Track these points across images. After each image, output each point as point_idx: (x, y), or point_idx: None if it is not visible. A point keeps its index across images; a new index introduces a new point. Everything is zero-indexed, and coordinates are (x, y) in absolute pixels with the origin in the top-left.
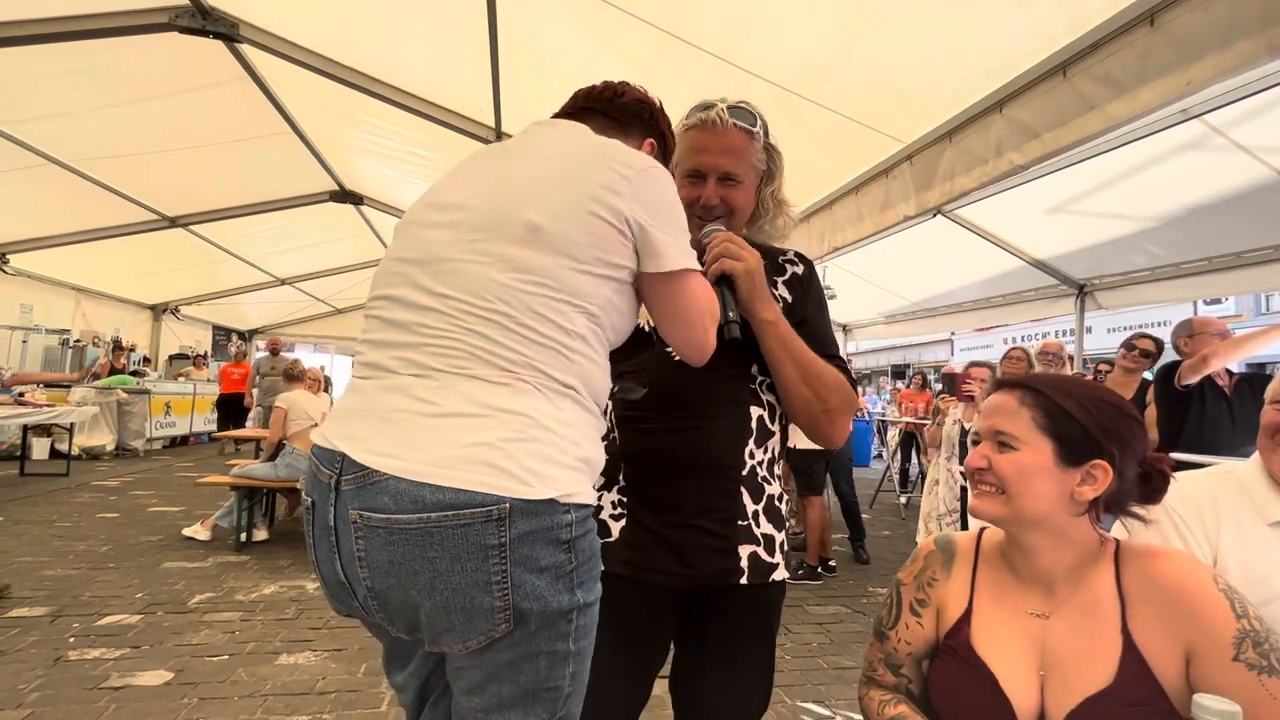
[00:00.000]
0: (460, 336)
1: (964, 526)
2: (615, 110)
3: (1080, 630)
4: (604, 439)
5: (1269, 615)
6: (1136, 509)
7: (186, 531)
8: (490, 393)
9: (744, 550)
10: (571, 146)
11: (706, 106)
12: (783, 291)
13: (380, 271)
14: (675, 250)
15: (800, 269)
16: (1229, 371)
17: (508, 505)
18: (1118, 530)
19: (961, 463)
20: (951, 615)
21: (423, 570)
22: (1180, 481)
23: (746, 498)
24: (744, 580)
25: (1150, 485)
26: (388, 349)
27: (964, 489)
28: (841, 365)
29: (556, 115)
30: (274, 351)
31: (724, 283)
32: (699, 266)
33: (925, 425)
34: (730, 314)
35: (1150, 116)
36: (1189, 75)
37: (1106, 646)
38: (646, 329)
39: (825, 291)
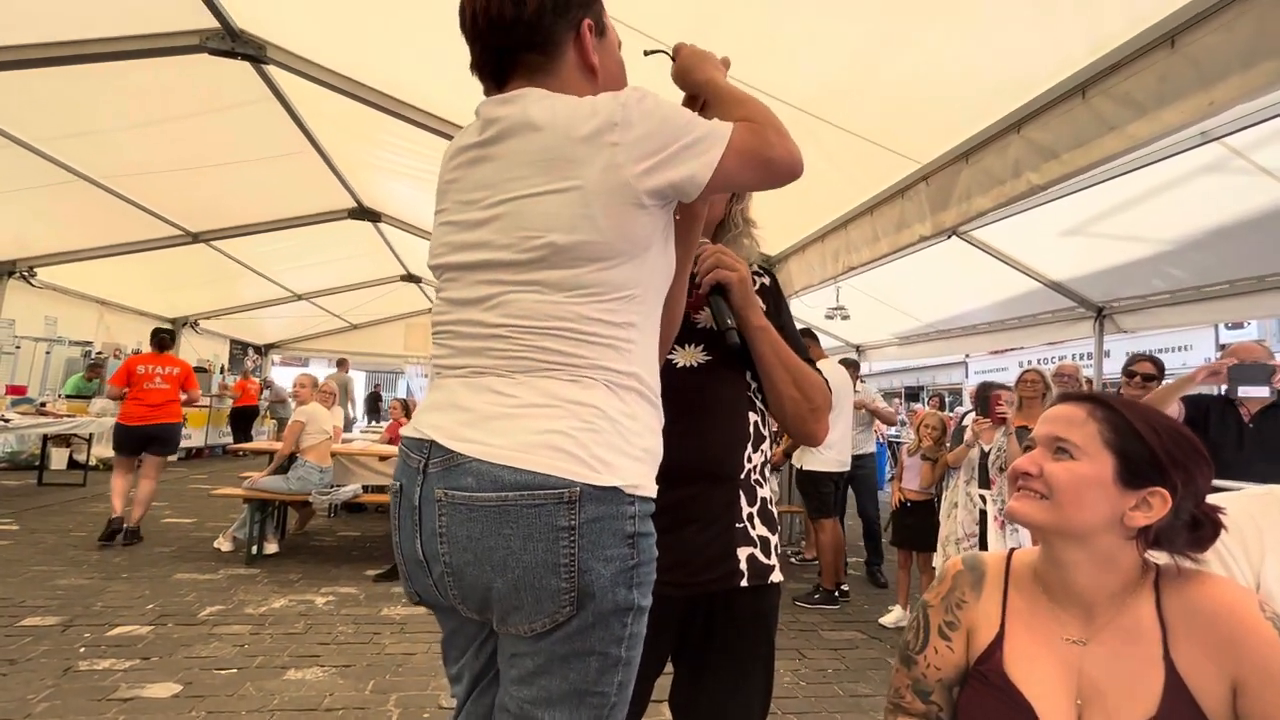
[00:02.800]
0: (529, 354)
1: (983, 550)
2: (531, 32)
3: (1120, 658)
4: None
5: None
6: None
7: (215, 544)
8: (563, 388)
9: (742, 553)
10: (543, 145)
11: None
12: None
13: (437, 312)
14: (701, 154)
15: (768, 280)
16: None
17: (578, 489)
18: None
19: (981, 486)
20: (983, 639)
21: (498, 547)
22: (1220, 503)
23: (743, 500)
24: (744, 583)
25: (1199, 532)
26: (466, 357)
27: (983, 513)
28: (813, 365)
29: (482, 69)
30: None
31: (718, 292)
32: (726, 129)
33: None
34: (729, 321)
35: (1170, 139)
36: (1211, 96)
37: (1148, 676)
38: None
39: (839, 311)
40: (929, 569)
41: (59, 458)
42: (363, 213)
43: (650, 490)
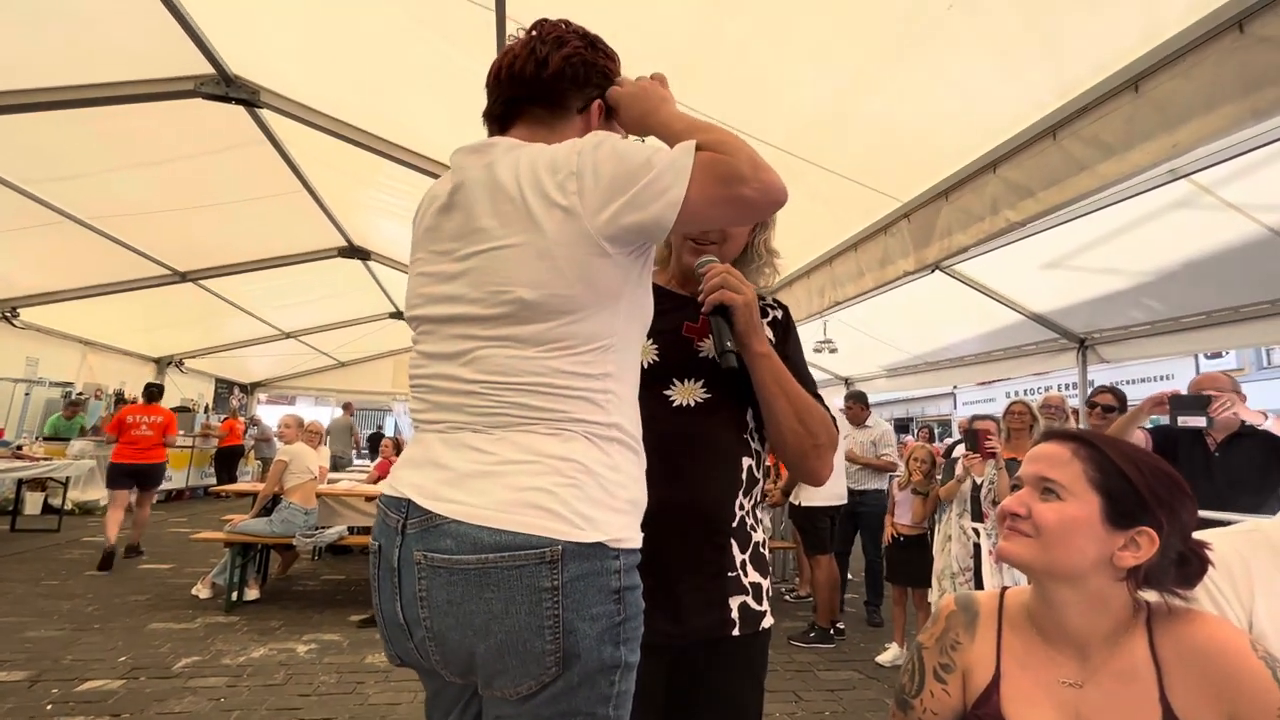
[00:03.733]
0: (505, 410)
1: (978, 585)
2: (544, 90)
3: (1117, 700)
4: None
5: None
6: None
7: (193, 591)
8: (542, 442)
9: (734, 601)
10: (506, 197)
11: None
12: (767, 333)
13: (414, 365)
14: (662, 194)
15: (779, 314)
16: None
17: (560, 548)
18: None
19: (974, 519)
20: (979, 682)
21: (479, 611)
22: (1207, 540)
23: (735, 548)
24: (735, 632)
25: (1187, 569)
26: (443, 412)
27: (977, 546)
28: (823, 403)
29: (490, 113)
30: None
31: (721, 313)
32: (688, 162)
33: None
34: (728, 344)
35: (1140, 176)
36: (1175, 138)
37: (1145, 716)
38: (645, 365)
39: (827, 344)
40: (924, 605)
41: (33, 502)
42: (352, 251)
43: (635, 542)
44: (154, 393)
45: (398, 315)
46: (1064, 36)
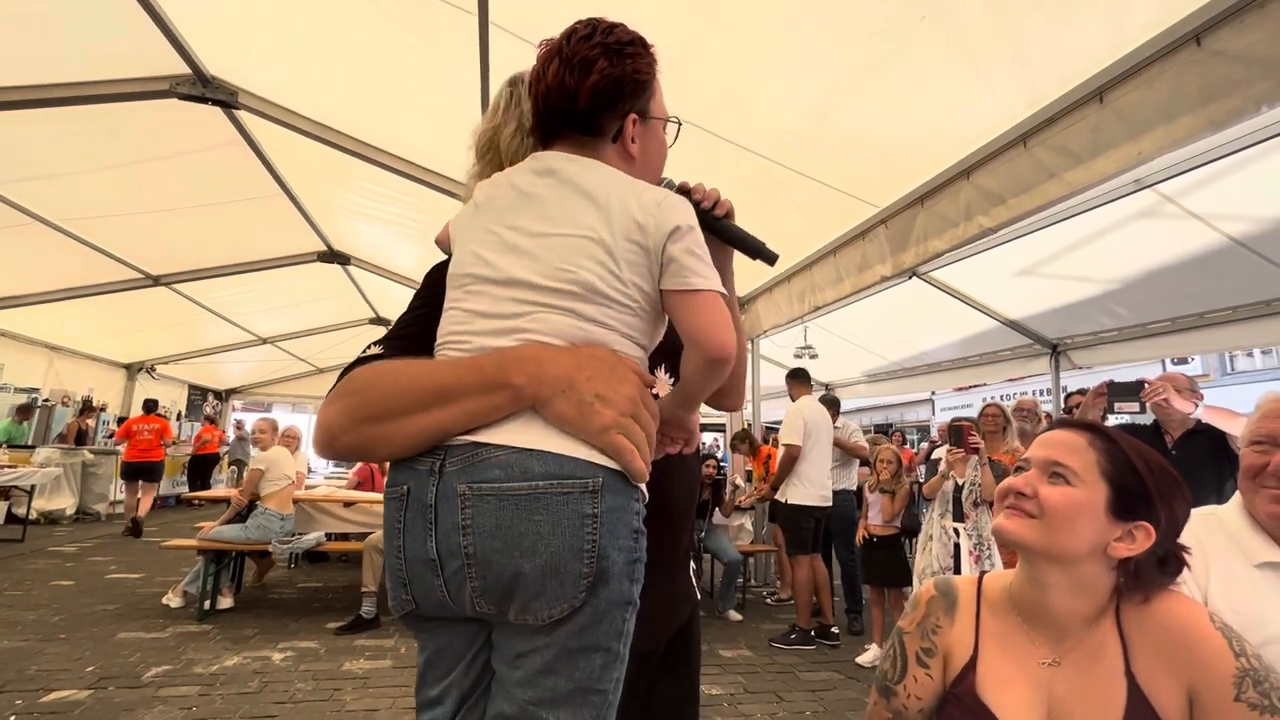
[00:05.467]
0: None
1: None
2: (579, 120)
3: (1086, 676)
4: None
5: (1267, 657)
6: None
7: (164, 600)
8: None
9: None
10: (595, 202)
11: None
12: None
13: (453, 321)
14: (702, 271)
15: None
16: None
17: (600, 480)
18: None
19: (956, 519)
20: (957, 663)
21: (528, 533)
22: None
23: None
24: (688, 617)
25: (1166, 568)
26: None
27: (957, 546)
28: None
29: (534, 130)
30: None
31: (728, 219)
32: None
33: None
34: (753, 238)
35: (1106, 185)
36: (1139, 147)
37: (1112, 691)
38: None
39: (807, 350)
40: (901, 605)
41: None
42: (332, 256)
43: (646, 496)
44: (151, 405)
45: (378, 321)
46: (1032, 48)
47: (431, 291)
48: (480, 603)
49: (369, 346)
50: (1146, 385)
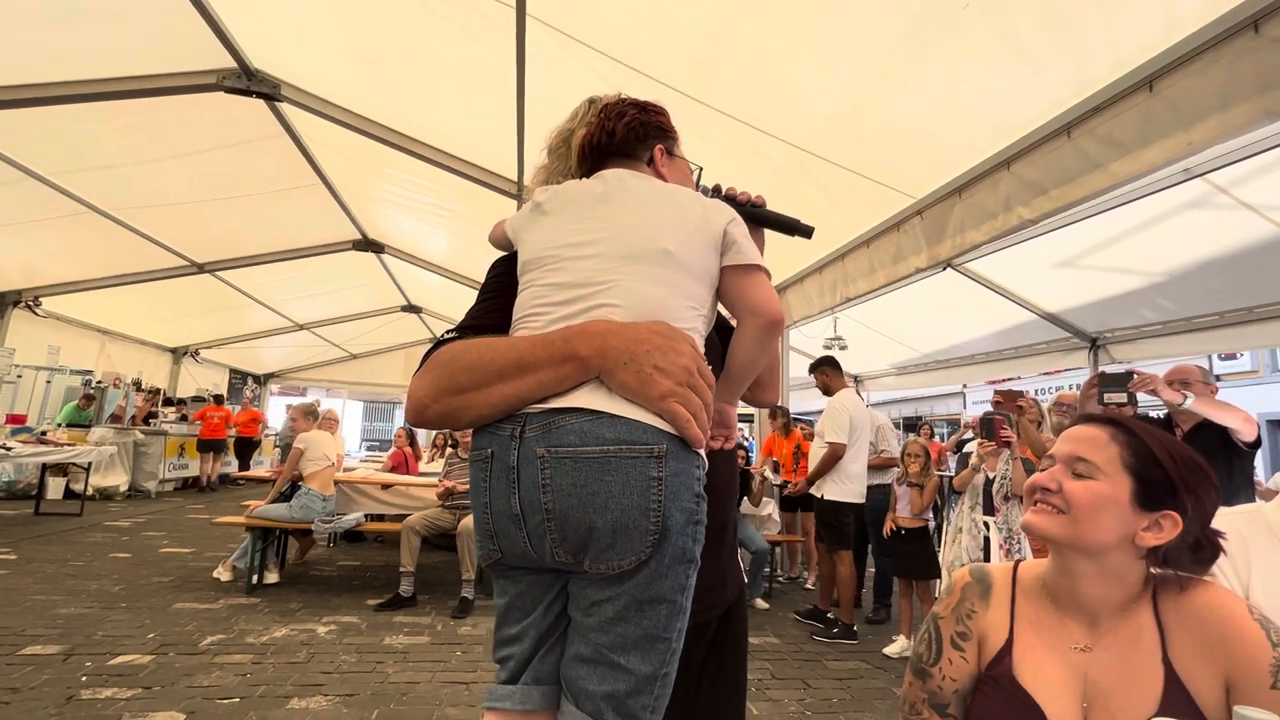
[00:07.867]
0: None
1: None
2: (618, 149)
3: (1122, 661)
4: None
5: None
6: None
7: (215, 574)
8: None
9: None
10: (663, 194)
11: None
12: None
13: (532, 296)
14: (757, 252)
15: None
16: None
17: (665, 446)
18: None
19: (986, 512)
20: (992, 647)
21: (600, 492)
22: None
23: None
24: (735, 598)
25: (1201, 554)
26: (566, 324)
27: (987, 539)
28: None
29: (582, 161)
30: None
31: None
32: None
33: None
34: (786, 216)
35: (1153, 175)
36: (1190, 137)
37: (1148, 677)
38: None
39: (836, 341)
40: (929, 598)
41: (55, 487)
42: (367, 244)
43: (705, 463)
44: (220, 399)
45: (409, 308)
46: (1080, 35)
47: (498, 283)
48: (559, 553)
49: (446, 333)
50: (1135, 376)
